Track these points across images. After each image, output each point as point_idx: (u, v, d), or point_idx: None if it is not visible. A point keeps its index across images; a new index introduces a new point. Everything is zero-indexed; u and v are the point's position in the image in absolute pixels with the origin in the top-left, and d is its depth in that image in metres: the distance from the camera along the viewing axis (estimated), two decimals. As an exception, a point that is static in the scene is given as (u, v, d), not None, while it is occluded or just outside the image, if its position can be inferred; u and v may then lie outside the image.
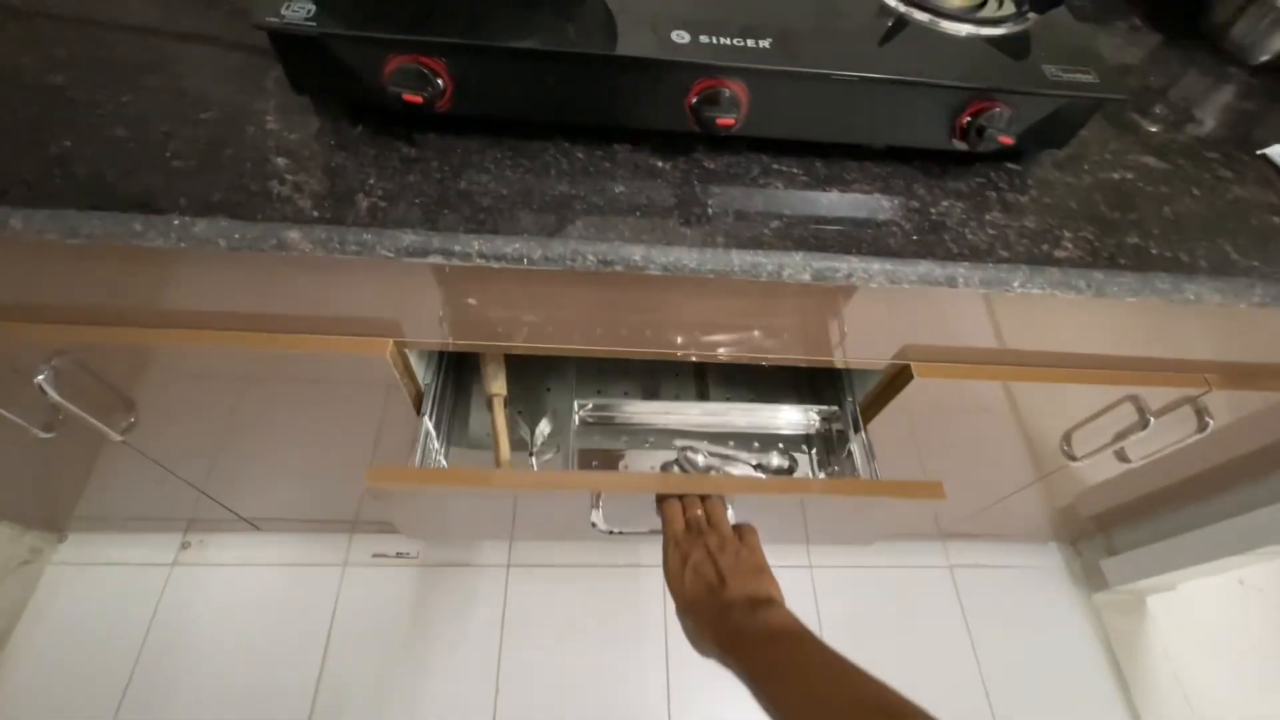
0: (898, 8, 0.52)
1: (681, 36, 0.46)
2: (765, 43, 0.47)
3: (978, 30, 0.52)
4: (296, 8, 0.43)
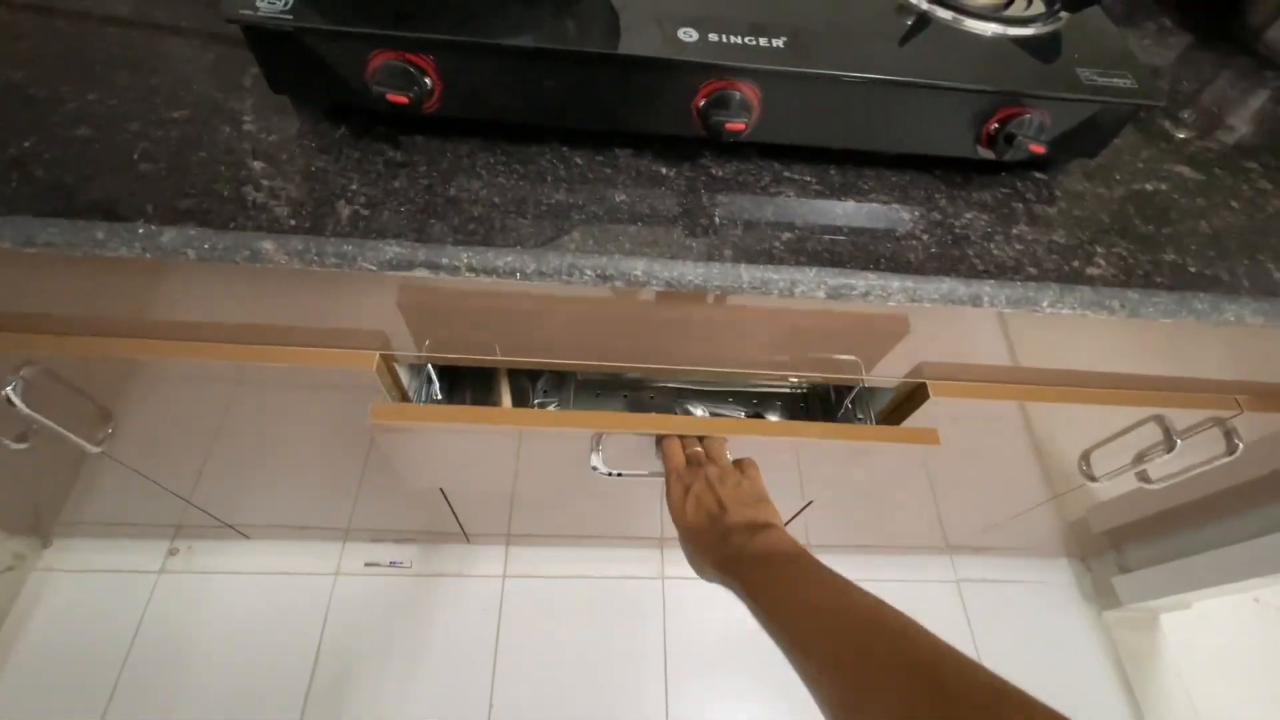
0: (919, 5, 0.49)
1: (689, 34, 0.43)
2: (779, 42, 0.43)
3: (1005, 30, 0.48)
4: None
